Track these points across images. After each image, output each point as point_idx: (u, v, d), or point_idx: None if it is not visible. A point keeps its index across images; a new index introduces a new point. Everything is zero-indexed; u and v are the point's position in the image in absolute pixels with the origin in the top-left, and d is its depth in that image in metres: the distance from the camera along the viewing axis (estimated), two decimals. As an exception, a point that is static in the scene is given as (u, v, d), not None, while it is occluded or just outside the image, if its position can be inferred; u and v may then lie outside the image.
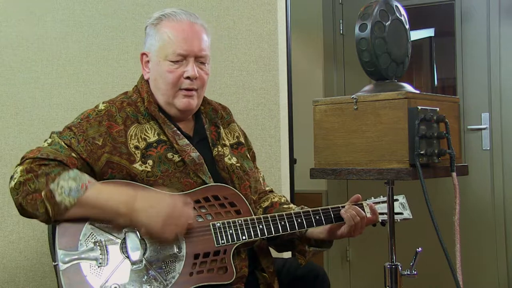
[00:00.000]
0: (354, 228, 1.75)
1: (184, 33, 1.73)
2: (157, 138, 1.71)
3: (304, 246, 1.85)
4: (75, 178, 1.53)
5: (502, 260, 3.58)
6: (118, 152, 1.65)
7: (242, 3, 2.55)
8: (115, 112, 1.71)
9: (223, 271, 1.62)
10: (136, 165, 1.65)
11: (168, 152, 1.70)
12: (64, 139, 1.63)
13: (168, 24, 1.74)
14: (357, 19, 1.65)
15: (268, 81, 2.58)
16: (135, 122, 1.71)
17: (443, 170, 1.62)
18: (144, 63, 1.80)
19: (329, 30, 4.14)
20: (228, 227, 1.65)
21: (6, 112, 2.19)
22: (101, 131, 1.66)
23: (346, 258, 4.03)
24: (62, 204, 1.51)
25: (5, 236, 2.16)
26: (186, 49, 1.72)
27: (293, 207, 1.87)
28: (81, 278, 1.51)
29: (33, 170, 1.53)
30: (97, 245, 1.55)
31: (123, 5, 2.37)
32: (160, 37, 1.74)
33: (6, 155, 2.17)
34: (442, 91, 4.01)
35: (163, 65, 1.73)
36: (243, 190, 1.78)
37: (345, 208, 1.78)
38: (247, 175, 1.83)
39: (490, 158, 3.63)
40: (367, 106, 1.59)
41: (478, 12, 3.67)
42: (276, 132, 2.59)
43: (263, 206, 1.91)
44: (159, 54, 1.73)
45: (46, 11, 2.26)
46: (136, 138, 1.69)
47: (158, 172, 1.66)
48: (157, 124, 1.74)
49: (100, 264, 1.53)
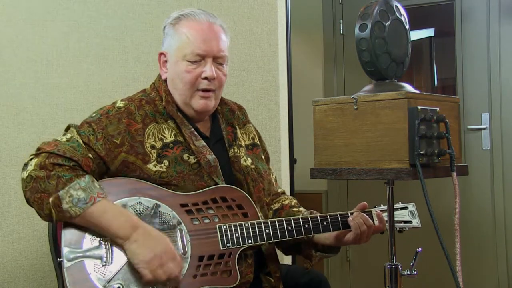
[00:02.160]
0: (360, 236, 1.75)
1: (203, 34, 1.72)
2: (173, 139, 1.70)
3: (310, 250, 1.85)
4: (85, 189, 1.52)
5: (502, 260, 3.58)
6: (134, 152, 1.64)
7: (242, 3, 2.55)
8: (134, 110, 1.70)
9: (227, 275, 1.61)
10: (150, 165, 1.64)
11: (184, 153, 1.69)
12: (82, 135, 1.62)
13: (187, 24, 1.73)
14: (357, 19, 1.65)
15: (268, 81, 2.58)
16: (153, 121, 1.70)
17: (443, 170, 1.62)
18: (162, 63, 1.79)
19: (329, 30, 4.14)
20: (234, 230, 1.64)
21: (6, 112, 2.19)
22: (120, 129, 1.65)
23: (346, 258, 4.03)
24: (67, 212, 1.51)
25: (5, 236, 2.16)
26: (204, 49, 1.71)
27: (302, 211, 1.87)
28: (85, 276, 1.51)
29: (47, 167, 1.52)
30: (102, 243, 1.55)
31: (123, 5, 2.37)
32: (179, 37, 1.73)
33: (6, 155, 2.17)
34: (442, 91, 4.01)
35: (181, 65, 1.72)
36: (256, 192, 1.78)
37: (353, 216, 1.77)
38: (261, 177, 1.83)
39: (490, 158, 3.63)
40: (367, 106, 1.59)
41: (478, 12, 3.67)
42: (276, 132, 2.59)
43: (274, 208, 1.91)
44: (178, 54, 1.72)
45: (46, 11, 2.25)
46: (154, 138, 1.68)
47: (173, 173, 1.65)
48: (175, 124, 1.73)
49: (104, 262, 1.53)
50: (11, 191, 2.17)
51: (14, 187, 2.17)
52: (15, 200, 2.17)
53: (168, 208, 1.62)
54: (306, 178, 1.84)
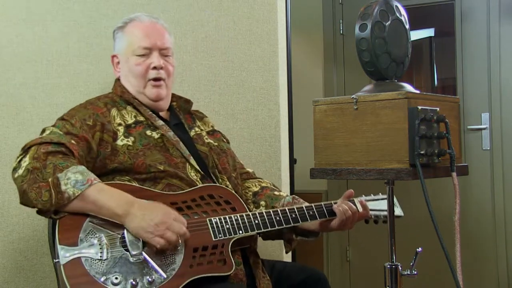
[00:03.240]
0: (345, 221, 1.81)
1: (147, 30, 1.92)
2: (134, 119, 1.84)
3: (291, 235, 1.91)
4: (82, 172, 1.60)
5: (502, 260, 3.58)
6: (106, 130, 1.76)
7: (242, 3, 2.55)
8: (95, 100, 1.87)
9: (222, 263, 1.65)
10: (118, 141, 1.76)
11: (146, 129, 1.82)
12: (59, 128, 1.73)
13: (132, 25, 1.94)
14: (357, 19, 1.65)
15: (268, 81, 2.57)
16: (114, 107, 1.85)
17: (443, 170, 1.62)
18: (115, 64, 1.99)
19: (329, 30, 4.14)
20: (224, 223, 1.70)
21: (6, 112, 2.18)
22: (89, 113, 1.78)
23: (346, 258, 4.03)
24: (66, 193, 1.56)
25: (5, 236, 2.15)
26: (149, 42, 1.90)
27: (283, 194, 1.96)
28: (83, 271, 1.52)
29: (40, 157, 1.60)
30: (97, 240, 1.57)
31: (123, 5, 2.37)
32: (127, 37, 1.93)
33: (6, 155, 2.17)
34: (442, 91, 4.01)
35: (131, 60, 1.91)
36: (222, 164, 1.89)
37: (338, 203, 1.83)
38: (224, 153, 1.95)
39: (490, 158, 3.63)
40: (367, 106, 1.60)
41: (478, 12, 3.67)
42: (276, 132, 2.59)
43: (253, 190, 1.99)
44: (127, 51, 1.92)
45: (46, 11, 2.25)
46: (118, 118, 1.82)
47: (139, 146, 1.77)
48: (133, 108, 1.87)
49: (101, 256, 1.55)
50: (11, 191, 2.17)
51: (14, 187, 2.16)
52: (15, 200, 2.16)
53: None
54: (306, 178, 1.85)
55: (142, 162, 1.73)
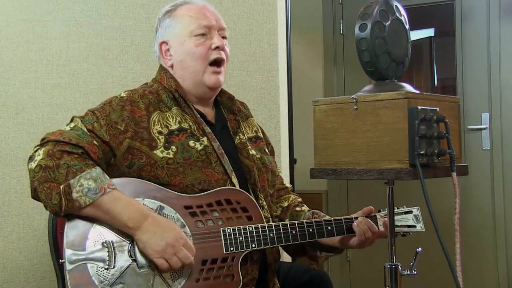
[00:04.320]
0: (365, 241, 1.78)
1: (204, 10, 1.81)
2: (178, 126, 1.71)
3: (315, 252, 1.87)
4: (96, 179, 1.53)
5: (502, 260, 3.58)
6: (139, 138, 1.65)
7: (242, 3, 2.55)
8: (137, 98, 1.71)
9: (230, 279, 1.61)
10: (157, 151, 1.65)
11: (189, 140, 1.70)
12: (86, 123, 1.63)
13: (184, 8, 1.82)
14: (357, 19, 1.65)
15: (268, 81, 2.58)
16: (157, 109, 1.72)
17: (443, 170, 1.62)
18: (164, 52, 1.83)
19: (329, 30, 4.14)
20: (238, 234, 1.64)
21: (6, 112, 2.18)
22: (124, 116, 1.66)
23: (346, 258, 4.03)
24: (77, 202, 1.51)
25: (5, 236, 2.15)
26: (209, 21, 1.79)
27: (305, 210, 1.90)
28: (88, 279, 1.50)
29: (55, 155, 1.52)
30: (105, 246, 1.54)
31: (123, 5, 2.37)
32: (180, 20, 1.80)
33: (6, 155, 2.17)
34: (442, 91, 4.01)
35: (189, 42, 1.78)
36: (261, 181, 1.79)
37: (358, 221, 1.79)
38: (265, 167, 1.84)
39: (490, 158, 3.63)
40: (367, 106, 1.59)
41: (478, 12, 3.67)
42: (276, 132, 2.59)
43: (283, 205, 1.93)
44: (183, 33, 1.78)
45: (46, 11, 2.25)
46: (159, 124, 1.69)
47: (180, 160, 1.66)
48: (179, 111, 1.74)
49: (107, 265, 1.52)
50: (11, 191, 2.17)
51: (14, 187, 2.17)
52: (15, 200, 2.17)
53: (172, 210, 1.62)
54: (306, 178, 1.84)
55: (180, 182, 1.64)
